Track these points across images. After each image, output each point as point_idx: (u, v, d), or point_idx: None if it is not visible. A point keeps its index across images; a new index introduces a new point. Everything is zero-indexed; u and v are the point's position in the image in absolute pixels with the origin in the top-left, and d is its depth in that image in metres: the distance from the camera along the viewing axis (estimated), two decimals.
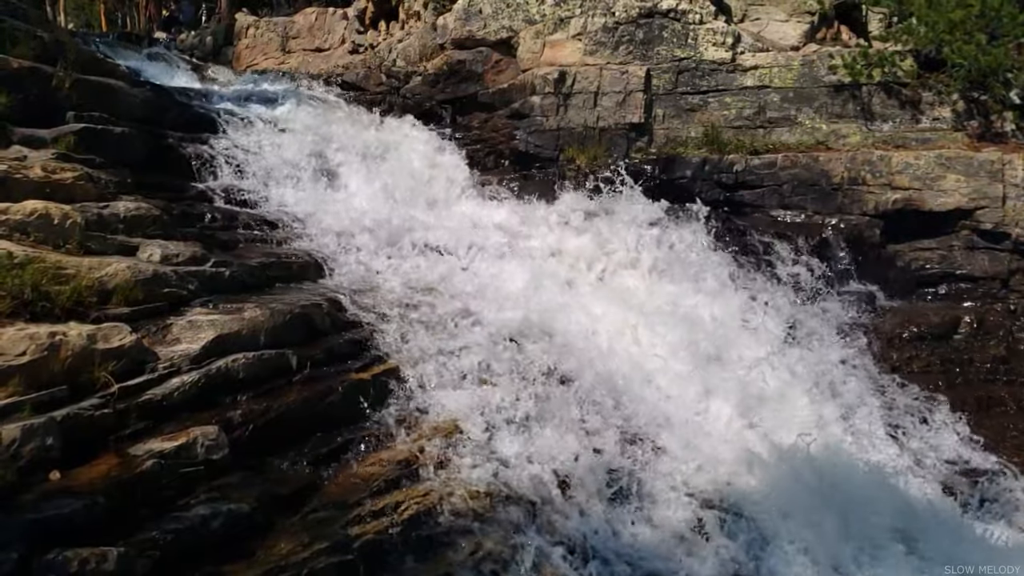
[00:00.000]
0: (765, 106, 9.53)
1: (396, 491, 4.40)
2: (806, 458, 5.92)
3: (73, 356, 3.66)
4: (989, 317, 8.11)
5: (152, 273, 4.64)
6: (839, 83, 9.31)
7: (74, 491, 3.20)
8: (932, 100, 9.15)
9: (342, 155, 8.44)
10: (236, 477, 3.87)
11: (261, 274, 5.72)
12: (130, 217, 5.29)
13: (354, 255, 6.76)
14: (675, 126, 9.72)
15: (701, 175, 9.24)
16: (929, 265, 8.67)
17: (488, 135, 10.05)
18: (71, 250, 4.52)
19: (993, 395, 7.54)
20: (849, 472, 6.00)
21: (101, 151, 5.98)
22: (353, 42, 13.12)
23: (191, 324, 4.44)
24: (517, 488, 4.74)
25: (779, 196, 9.09)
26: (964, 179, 8.42)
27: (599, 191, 8.96)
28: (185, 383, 4.06)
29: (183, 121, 7.71)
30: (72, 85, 6.38)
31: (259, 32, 15.09)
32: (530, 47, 10.05)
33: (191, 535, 3.40)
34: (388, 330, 5.63)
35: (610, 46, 9.77)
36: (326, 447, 4.51)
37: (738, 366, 6.87)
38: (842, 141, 9.27)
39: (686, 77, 9.70)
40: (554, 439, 5.25)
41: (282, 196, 7.33)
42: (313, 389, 4.67)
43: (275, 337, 4.75)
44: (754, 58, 9.59)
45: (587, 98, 9.67)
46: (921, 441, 6.85)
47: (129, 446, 3.59)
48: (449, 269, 7.04)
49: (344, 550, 3.80)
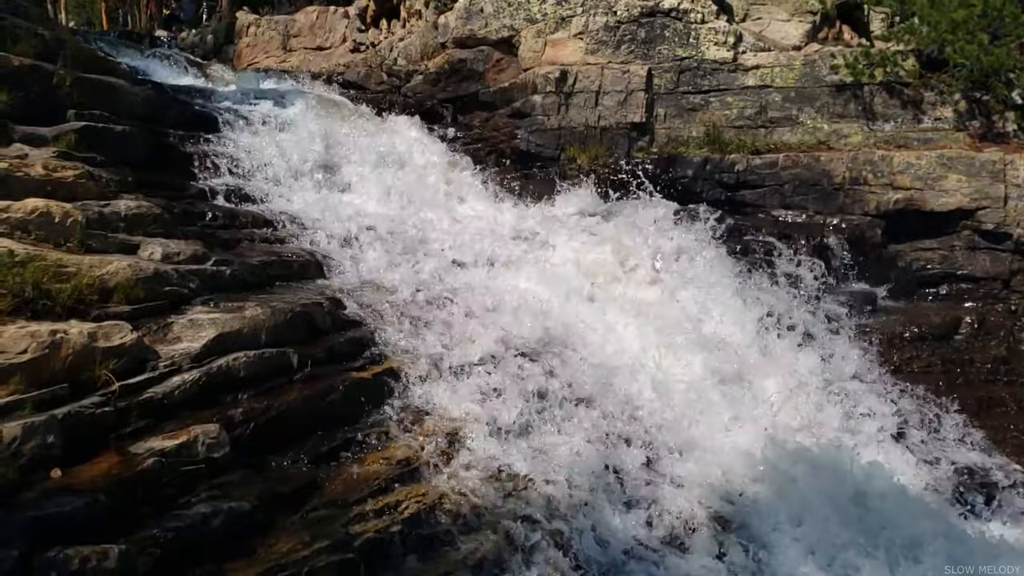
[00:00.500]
0: (767, 106, 9.52)
1: (397, 490, 4.41)
2: (809, 459, 5.92)
3: (74, 354, 3.66)
4: (990, 317, 8.11)
5: (153, 271, 4.63)
6: (841, 83, 9.30)
7: (75, 489, 3.20)
8: (934, 100, 9.14)
9: (344, 154, 8.44)
10: (237, 475, 3.87)
11: (262, 273, 5.72)
12: (131, 215, 5.29)
13: (355, 254, 6.74)
14: (676, 126, 9.72)
15: (703, 175, 9.24)
16: (930, 265, 8.66)
17: (489, 134, 10.05)
18: (72, 248, 4.52)
19: (994, 395, 7.53)
20: (853, 474, 5.98)
21: (102, 149, 5.97)
22: (354, 40, 13.12)
23: (192, 322, 4.44)
24: (518, 488, 4.74)
25: (780, 196, 9.08)
26: (966, 179, 8.42)
27: (608, 195, 8.93)
28: (186, 381, 4.06)
29: (184, 119, 7.71)
30: (73, 83, 6.37)
31: (260, 30, 15.10)
32: (531, 46, 10.04)
33: (192, 533, 3.39)
34: (389, 330, 5.63)
35: (612, 45, 9.76)
36: (327, 446, 4.51)
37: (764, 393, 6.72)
38: (844, 141, 9.26)
39: (688, 76, 9.69)
40: (558, 442, 5.25)
41: (283, 195, 7.33)
42: (314, 388, 4.67)
43: (276, 336, 4.74)
44: (756, 58, 9.59)
45: (588, 97, 9.66)
46: (922, 442, 6.84)
47: (130, 444, 3.59)
48: (448, 268, 7.02)
49: (345, 549, 3.79)
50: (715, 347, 6.87)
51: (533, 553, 4.37)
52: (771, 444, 5.96)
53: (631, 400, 5.97)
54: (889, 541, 5.54)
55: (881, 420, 6.86)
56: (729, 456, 5.80)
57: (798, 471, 5.77)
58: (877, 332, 7.79)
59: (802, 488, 5.65)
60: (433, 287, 6.46)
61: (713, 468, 5.62)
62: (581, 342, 6.50)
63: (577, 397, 5.75)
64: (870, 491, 5.89)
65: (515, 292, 6.87)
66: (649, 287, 7.62)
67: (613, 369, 6.25)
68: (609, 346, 6.59)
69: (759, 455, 5.84)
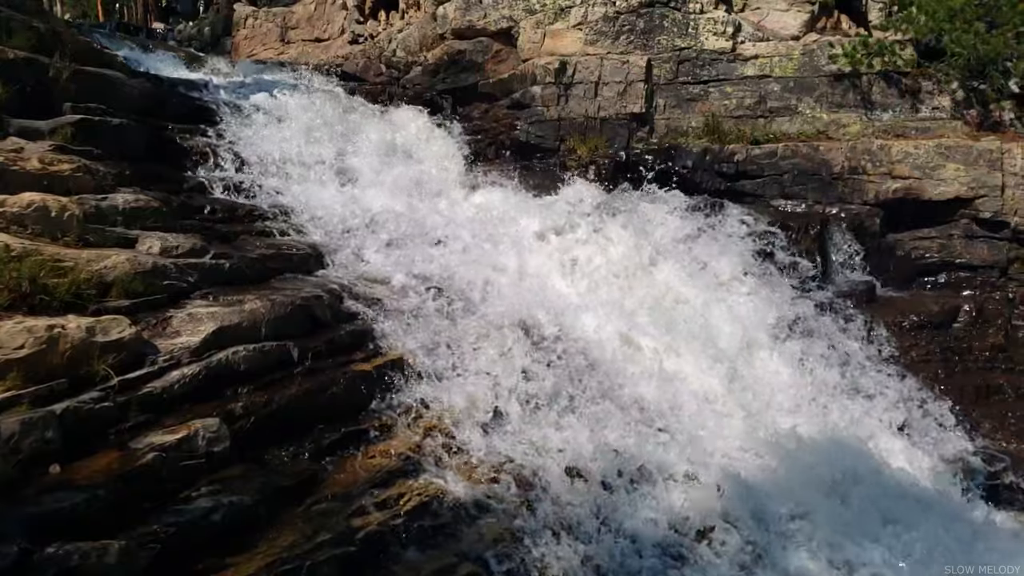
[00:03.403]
0: (766, 96, 9.50)
1: (399, 483, 4.40)
2: (808, 449, 5.93)
3: (72, 349, 3.65)
4: (988, 306, 8.12)
5: (151, 265, 4.61)
6: (839, 72, 9.29)
7: (75, 484, 3.19)
8: (932, 89, 9.13)
9: (344, 146, 8.40)
10: (238, 470, 3.86)
11: (262, 266, 5.69)
12: (129, 209, 5.27)
13: (356, 246, 6.72)
14: (676, 116, 9.70)
15: (702, 165, 9.23)
16: (929, 254, 8.66)
17: (489, 125, 10.03)
18: (69, 243, 4.50)
19: (992, 383, 7.56)
20: (852, 461, 6.00)
21: (99, 143, 5.95)
22: (352, 32, 13.08)
23: (191, 316, 4.42)
24: (521, 477, 4.74)
25: (780, 186, 9.08)
26: (963, 168, 8.41)
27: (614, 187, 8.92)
28: (185, 376, 4.04)
29: (182, 112, 7.68)
30: (69, 76, 6.33)
31: (258, 22, 15.05)
32: (530, 37, 10.01)
33: (192, 528, 3.39)
34: (390, 322, 5.61)
35: (611, 36, 9.73)
36: (328, 439, 4.50)
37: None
38: (842, 131, 9.25)
39: (687, 67, 9.67)
40: (561, 431, 5.25)
41: (283, 187, 7.29)
42: (315, 381, 4.66)
43: (276, 329, 4.73)
44: (755, 48, 9.56)
45: (588, 88, 9.64)
46: (921, 430, 6.85)
47: (130, 439, 3.57)
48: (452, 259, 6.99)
49: (347, 542, 3.80)
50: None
51: (536, 544, 4.38)
52: (770, 434, 5.98)
53: (638, 399, 5.97)
54: (887, 529, 5.56)
55: (880, 409, 6.88)
56: (729, 447, 5.81)
57: (797, 461, 5.78)
58: (877, 321, 7.79)
59: (800, 478, 5.66)
60: (436, 278, 6.44)
61: (713, 459, 5.62)
62: (581, 332, 6.49)
63: (581, 390, 5.75)
64: (869, 479, 5.91)
65: (520, 284, 6.87)
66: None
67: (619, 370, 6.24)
68: (610, 341, 6.58)
69: (758, 445, 5.85)
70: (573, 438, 5.21)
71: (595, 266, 7.59)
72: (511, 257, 7.33)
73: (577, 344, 6.25)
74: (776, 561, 5.03)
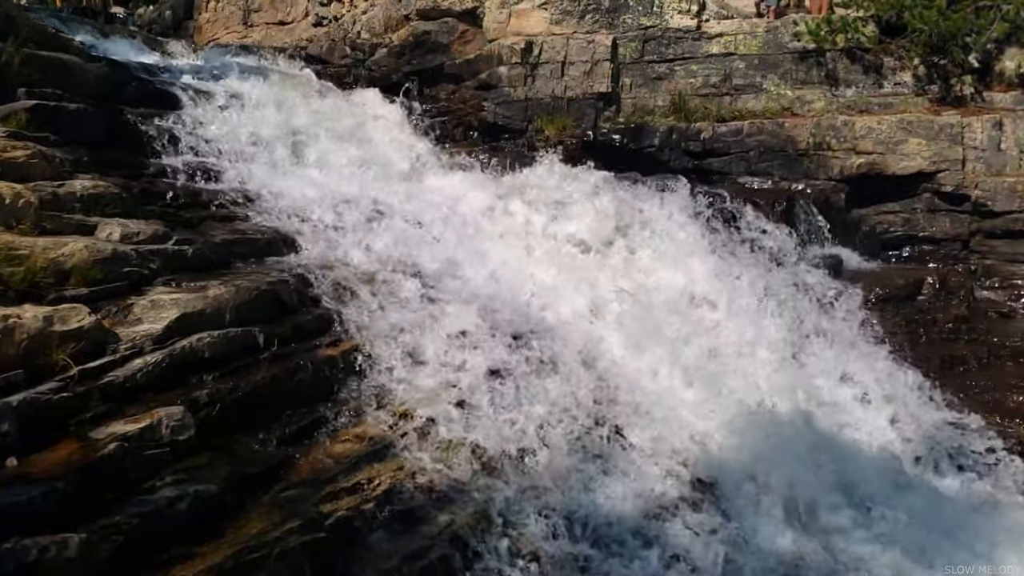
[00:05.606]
0: (731, 73, 9.53)
1: (369, 467, 4.37)
2: (779, 421, 6.01)
3: (29, 339, 3.57)
4: (951, 278, 8.26)
5: (111, 252, 4.52)
6: (803, 49, 9.35)
7: (32, 478, 3.12)
8: (894, 65, 9.22)
9: (308, 129, 8.28)
10: (203, 458, 3.80)
11: (226, 251, 5.60)
12: (87, 196, 5.15)
13: (322, 230, 6.64)
14: (642, 95, 9.70)
15: (669, 143, 9.25)
16: (893, 228, 8.79)
17: (456, 107, 9.95)
18: (24, 230, 4.38)
19: (955, 354, 7.71)
20: (822, 434, 6.09)
21: (55, 128, 5.79)
22: (316, 14, 12.90)
23: (153, 303, 4.35)
24: (493, 459, 4.74)
25: (746, 163, 9.14)
26: (925, 143, 8.53)
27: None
28: (148, 364, 3.97)
29: (142, 97, 7.49)
30: (23, 61, 6.16)
31: (220, 6, 14.80)
32: (496, 17, 9.94)
33: (157, 518, 3.34)
34: (357, 306, 5.56)
35: (576, 15, 9.68)
36: (296, 425, 4.45)
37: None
38: (807, 107, 9.32)
39: (652, 45, 9.66)
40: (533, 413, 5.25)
41: (247, 172, 7.17)
42: (281, 367, 4.60)
43: (241, 315, 4.66)
44: (719, 25, 9.58)
45: (554, 68, 9.60)
46: (888, 402, 6.96)
47: (90, 430, 3.50)
48: (419, 242, 6.95)
49: (316, 527, 3.76)
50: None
51: (508, 525, 4.39)
52: (741, 408, 6.05)
53: (604, 375, 5.98)
54: (857, 498, 5.66)
55: (848, 381, 6.98)
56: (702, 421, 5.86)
57: (768, 434, 5.85)
58: (843, 295, 7.88)
59: (772, 450, 5.73)
60: (403, 262, 6.39)
61: (685, 433, 5.67)
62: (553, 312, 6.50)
63: (549, 369, 5.74)
64: (838, 451, 6.01)
65: (488, 267, 6.84)
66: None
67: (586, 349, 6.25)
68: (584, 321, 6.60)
69: (731, 419, 5.91)
70: (542, 416, 5.22)
71: (559, 243, 7.58)
72: (483, 241, 7.32)
73: (543, 325, 6.25)
74: (750, 533, 5.10)
